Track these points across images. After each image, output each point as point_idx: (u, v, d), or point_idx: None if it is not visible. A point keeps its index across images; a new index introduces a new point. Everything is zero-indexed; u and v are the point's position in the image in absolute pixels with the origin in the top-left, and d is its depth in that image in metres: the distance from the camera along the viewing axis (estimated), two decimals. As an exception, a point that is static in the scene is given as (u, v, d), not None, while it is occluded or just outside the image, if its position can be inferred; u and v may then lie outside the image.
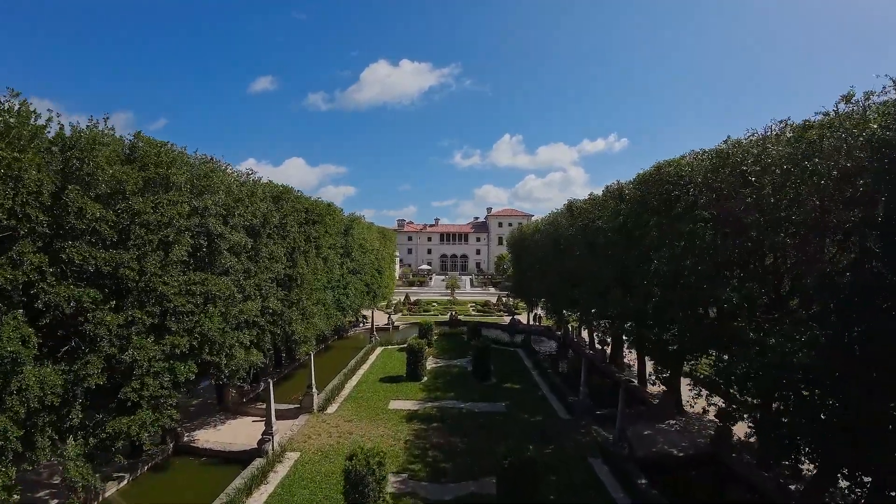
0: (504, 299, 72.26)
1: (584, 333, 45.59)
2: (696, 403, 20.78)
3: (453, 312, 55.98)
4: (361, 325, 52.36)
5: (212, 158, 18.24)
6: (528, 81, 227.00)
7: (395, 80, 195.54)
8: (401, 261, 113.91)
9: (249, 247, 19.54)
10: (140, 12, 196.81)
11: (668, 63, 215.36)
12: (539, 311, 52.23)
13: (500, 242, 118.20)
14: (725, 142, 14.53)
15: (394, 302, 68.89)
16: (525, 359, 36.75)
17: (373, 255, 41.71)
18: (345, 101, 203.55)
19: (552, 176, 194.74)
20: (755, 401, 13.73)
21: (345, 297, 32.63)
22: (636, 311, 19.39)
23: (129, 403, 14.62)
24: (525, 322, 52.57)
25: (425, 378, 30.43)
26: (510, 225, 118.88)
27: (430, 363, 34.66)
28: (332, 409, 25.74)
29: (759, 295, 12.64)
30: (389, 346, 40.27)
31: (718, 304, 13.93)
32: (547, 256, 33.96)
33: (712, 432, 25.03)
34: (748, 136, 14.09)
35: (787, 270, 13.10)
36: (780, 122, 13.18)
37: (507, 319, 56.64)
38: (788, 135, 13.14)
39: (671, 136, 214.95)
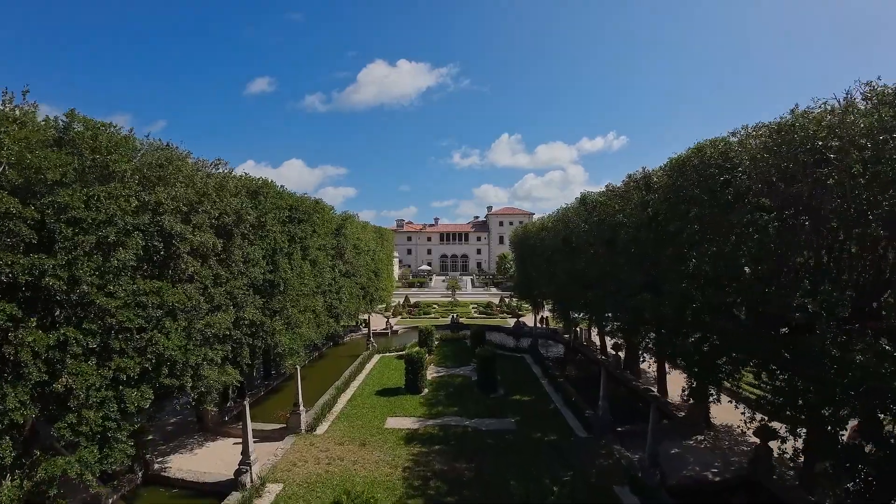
0: (507, 300, 69.59)
1: (595, 337, 42.95)
2: (730, 419, 18.14)
3: (454, 315, 53.32)
4: (362, 328, 49.64)
5: (168, 144, 15.52)
6: (527, 80, 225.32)
7: (392, 80, 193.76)
8: (400, 261, 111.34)
9: (220, 249, 16.84)
10: (137, 15, 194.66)
11: (667, 60, 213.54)
12: (545, 314, 49.57)
13: (501, 242, 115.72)
14: (792, 112, 11.87)
15: (393, 304, 66.26)
16: (533, 366, 34.08)
17: (368, 256, 39.01)
18: (343, 102, 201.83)
19: (551, 175, 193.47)
20: (833, 429, 11.10)
21: (338, 303, 29.93)
22: (666, 317, 16.71)
23: (62, 443, 11.95)
24: (530, 324, 49.89)
25: (426, 390, 27.76)
26: (511, 224, 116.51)
27: (431, 372, 32.01)
28: (322, 428, 23.06)
29: (842, 302, 9.96)
30: (388, 354, 37.58)
31: (784, 311, 11.22)
32: (556, 255, 31.26)
33: (744, 447, 22.56)
34: (819, 105, 11.42)
35: (879, 271, 10.43)
36: (866, 83, 10.50)
37: (510, 322, 54.02)
38: (873, 101, 10.47)
39: (671, 134, 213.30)
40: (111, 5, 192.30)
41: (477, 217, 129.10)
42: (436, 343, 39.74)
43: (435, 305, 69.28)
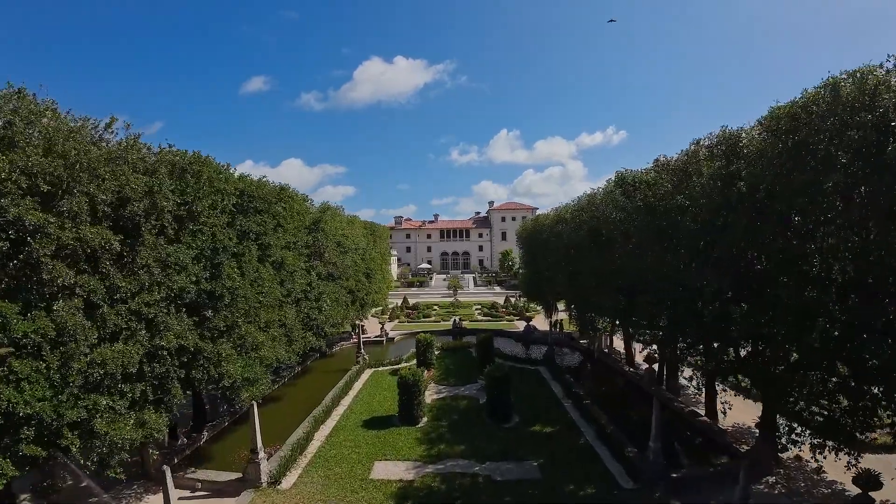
0: (513, 300, 64.36)
1: (617, 343, 37.68)
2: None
3: (457, 319, 48.10)
4: (356, 333, 44.33)
5: (20, 92, 10.22)
6: (524, 76, 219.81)
7: (389, 77, 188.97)
8: (399, 260, 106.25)
9: (118, 250, 11.61)
10: (131, 14, 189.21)
11: (665, 53, 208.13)
12: (558, 316, 44.33)
13: (504, 238, 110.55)
14: None
15: (390, 306, 61.10)
16: (550, 382, 28.87)
17: (357, 255, 33.77)
18: (340, 100, 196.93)
19: (551, 171, 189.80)
20: None
21: (317, 313, 24.69)
22: (766, 335, 11.47)
23: None
24: (542, 328, 44.67)
25: (424, 419, 22.57)
26: (514, 219, 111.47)
27: (431, 393, 26.83)
28: (289, 479, 17.90)
29: None
30: (381, 368, 32.40)
31: None
32: (579, 251, 25.95)
33: (823, 489, 17.54)
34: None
35: None
36: None
37: (518, 325, 48.83)
38: None
39: (671, 128, 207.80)
40: (106, 5, 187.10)
41: (478, 213, 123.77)
42: (436, 353, 34.56)
43: (436, 307, 64.12)
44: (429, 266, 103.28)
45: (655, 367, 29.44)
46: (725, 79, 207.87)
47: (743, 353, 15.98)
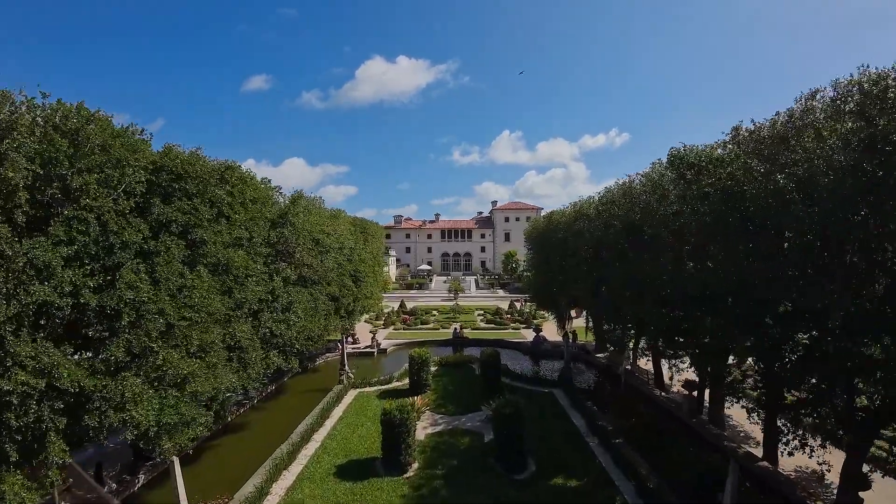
0: (519, 305, 59.55)
1: (640, 359, 32.78)
2: None
3: (457, 328, 43.30)
4: (348, 342, 39.56)
5: None
6: (527, 77, 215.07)
7: (391, 77, 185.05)
8: (398, 261, 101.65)
9: None
10: (131, 13, 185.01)
11: (669, 55, 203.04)
12: (571, 326, 39.49)
13: (508, 239, 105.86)
14: None
15: (386, 311, 56.36)
16: (569, 410, 24.02)
17: (342, 255, 29.00)
18: (341, 99, 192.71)
19: (553, 172, 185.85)
20: None
21: (283, 327, 19.90)
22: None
23: None
24: (552, 338, 39.86)
25: (414, 465, 17.74)
26: (517, 219, 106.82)
27: (425, 424, 22.07)
28: (226, 561, 13.15)
29: None
30: (367, 389, 27.59)
31: None
32: (609, 252, 21.14)
33: None
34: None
35: None
36: None
37: (525, 334, 44.01)
38: None
39: (675, 130, 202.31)
40: (105, 5, 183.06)
41: (481, 213, 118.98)
42: (433, 369, 29.81)
43: (434, 312, 59.37)
44: (429, 267, 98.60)
45: (694, 391, 24.71)
46: (729, 82, 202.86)
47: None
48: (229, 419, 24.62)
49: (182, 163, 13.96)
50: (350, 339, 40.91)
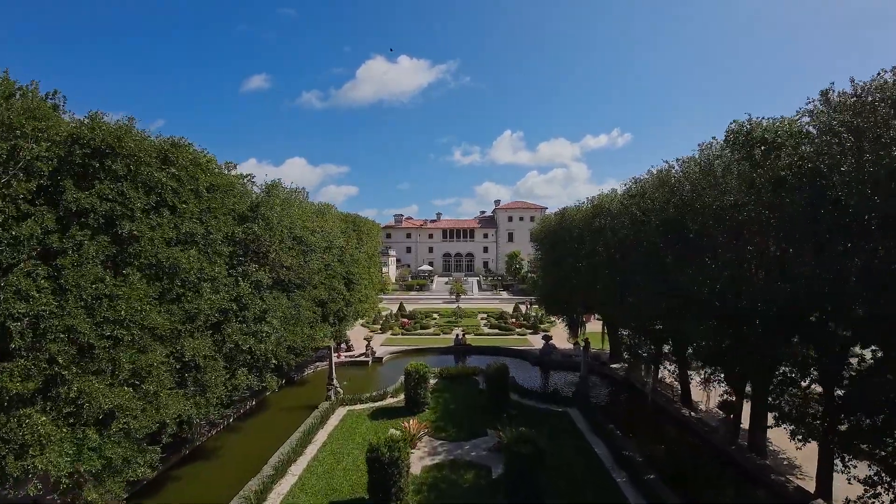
0: (524, 308, 56.34)
1: (664, 373, 29.42)
2: None
3: (459, 335, 40.05)
4: (341, 349, 36.54)
5: None
6: (528, 77, 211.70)
7: (392, 77, 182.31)
8: (398, 261, 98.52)
9: None
10: (130, 12, 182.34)
11: (671, 55, 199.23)
12: (584, 333, 36.25)
13: (511, 239, 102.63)
14: None
15: (384, 314, 53.20)
16: (588, 435, 20.76)
17: (332, 255, 25.81)
18: (341, 99, 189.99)
19: (554, 172, 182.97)
20: None
21: (253, 340, 16.71)
22: None
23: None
24: (561, 346, 36.62)
25: (408, 511, 14.58)
26: (521, 219, 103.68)
27: (423, 453, 18.87)
28: None
29: None
30: (358, 407, 24.38)
31: None
32: (637, 253, 17.89)
33: None
34: None
35: None
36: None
37: (532, 340, 40.75)
38: None
39: (677, 131, 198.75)
40: (105, 4, 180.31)
41: (483, 212, 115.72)
42: (433, 382, 26.66)
43: (435, 315, 56.19)
44: (430, 268, 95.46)
45: (729, 414, 21.45)
46: (732, 82, 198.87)
47: None
48: (198, 443, 21.57)
49: (107, 136, 10.77)
50: (344, 345, 37.76)
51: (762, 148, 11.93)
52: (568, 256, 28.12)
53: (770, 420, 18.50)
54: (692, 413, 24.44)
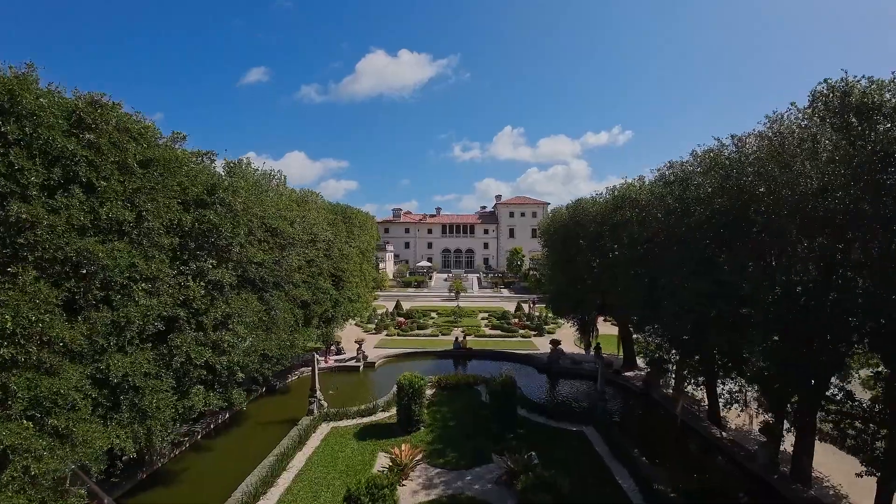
0: (527, 308, 53.41)
1: (689, 385, 26.42)
2: None
3: (459, 339, 37.14)
4: (331, 352, 33.62)
5: None
6: (529, 73, 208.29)
7: (392, 70, 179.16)
8: (396, 256, 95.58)
9: None
10: (129, 6, 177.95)
11: (674, 53, 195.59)
12: (595, 337, 33.36)
13: (512, 235, 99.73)
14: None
15: (379, 312, 50.30)
16: (610, 461, 17.84)
17: (317, 250, 22.79)
18: (340, 93, 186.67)
19: (554, 169, 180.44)
20: None
21: (209, 352, 13.73)
22: None
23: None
24: (568, 350, 33.73)
25: (395, 571, 11.68)
26: (523, 215, 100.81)
27: (416, 485, 15.93)
28: None
29: None
30: (343, 423, 21.43)
31: None
32: (678, 250, 14.90)
33: None
34: None
35: None
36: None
37: (537, 343, 37.86)
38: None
39: (678, 129, 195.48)
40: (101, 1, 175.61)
41: (484, 207, 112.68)
42: (430, 393, 23.79)
43: (434, 314, 53.35)
44: (429, 264, 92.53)
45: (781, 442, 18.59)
46: (733, 81, 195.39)
47: None
48: (158, 465, 18.68)
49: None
50: (334, 348, 34.84)
51: (862, 116, 8.96)
52: (582, 254, 25.13)
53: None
54: (723, 433, 21.62)
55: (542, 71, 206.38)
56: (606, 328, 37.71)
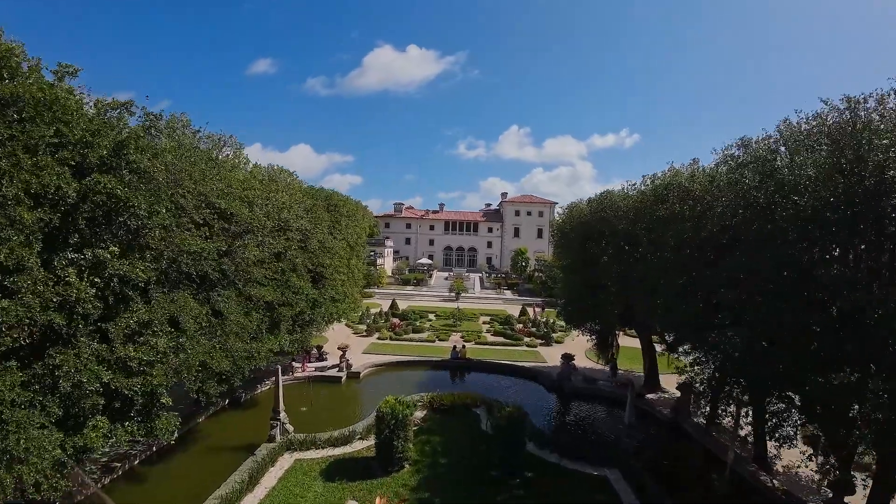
0: (533, 312, 49.28)
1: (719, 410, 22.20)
2: None
3: (458, 348, 33.14)
4: (313, 356, 29.82)
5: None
6: (537, 72, 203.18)
7: (399, 66, 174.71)
8: (396, 252, 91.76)
9: None
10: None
11: (683, 57, 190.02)
12: (615, 352, 29.32)
13: (517, 234, 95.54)
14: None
15: (373, 312, 46.40)
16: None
17: (287, 240, 18.76)
18: (346, 87, 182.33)
19: (560, 170, 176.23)
20: None
21: (112, 374, 9.86)
22: None
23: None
24: (580, 364, 29.66)
25: None
26: (528, 214, 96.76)
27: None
28: None
29: None
30: (310, 454, 17.38)
31: None
32: (760, 252, 10.82)
33: None
34: None
35: None
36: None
37: (544, 354, 33.86)
38: None
39: (686, 133, 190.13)
40: None
41: (489, 205, 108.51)
42: (420, 417, 19.83)
43: (431, 316, 49.40)
44: (429, 262, 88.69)
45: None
46: (743, 88, 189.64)
47: None
48: (78, 497, 14.84)
49: None
50: (315, 351, 30.94)
51: None
52: (608, 257, 21.01)
53: None
54: (774, 481, 17.59)
55: (551, 71, 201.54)
56: (624, 339, 33.66)
